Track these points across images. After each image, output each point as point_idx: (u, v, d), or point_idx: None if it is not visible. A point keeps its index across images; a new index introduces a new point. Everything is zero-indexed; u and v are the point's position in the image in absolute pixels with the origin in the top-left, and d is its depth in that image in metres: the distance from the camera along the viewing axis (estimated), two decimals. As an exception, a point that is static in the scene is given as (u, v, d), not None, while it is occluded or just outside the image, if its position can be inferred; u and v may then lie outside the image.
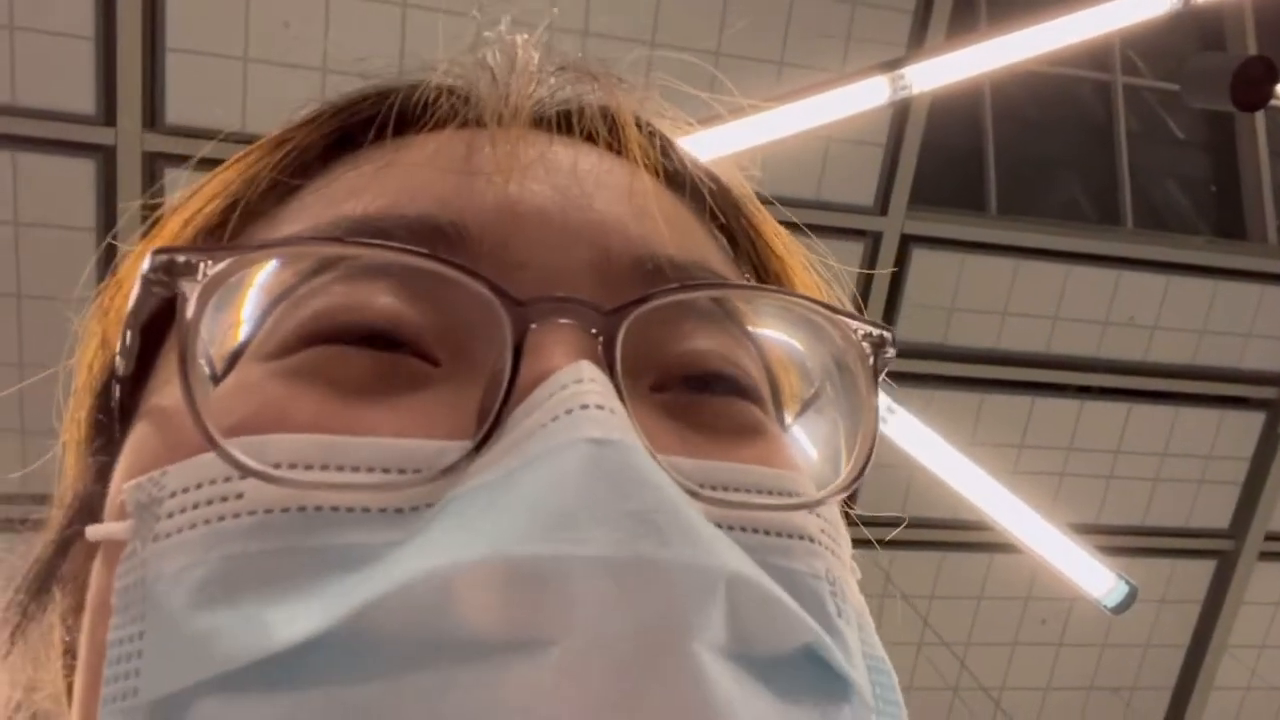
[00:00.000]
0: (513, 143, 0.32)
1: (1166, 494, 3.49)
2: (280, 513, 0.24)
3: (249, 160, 0.35)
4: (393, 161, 0.32)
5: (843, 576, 0.29)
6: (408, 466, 0.25)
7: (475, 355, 0.28)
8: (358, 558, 0.23)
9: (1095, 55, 3.41)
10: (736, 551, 0.24)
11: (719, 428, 0.30)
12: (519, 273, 0.29)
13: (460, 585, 0.22)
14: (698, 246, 0.33)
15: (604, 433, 0.24)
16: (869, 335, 0.32)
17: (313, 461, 0.25)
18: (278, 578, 0.23)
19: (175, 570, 0.24)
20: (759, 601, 0.24)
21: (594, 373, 0.25)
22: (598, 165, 0.33)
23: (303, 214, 0.32)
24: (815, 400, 0.34)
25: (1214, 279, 3.31)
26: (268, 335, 0.28)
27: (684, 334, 0.30)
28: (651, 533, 0.22)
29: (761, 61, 2.77)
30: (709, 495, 0.27)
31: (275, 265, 0.29)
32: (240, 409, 0.26)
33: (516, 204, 0.30)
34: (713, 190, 0.37)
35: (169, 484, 0.25)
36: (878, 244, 2.98)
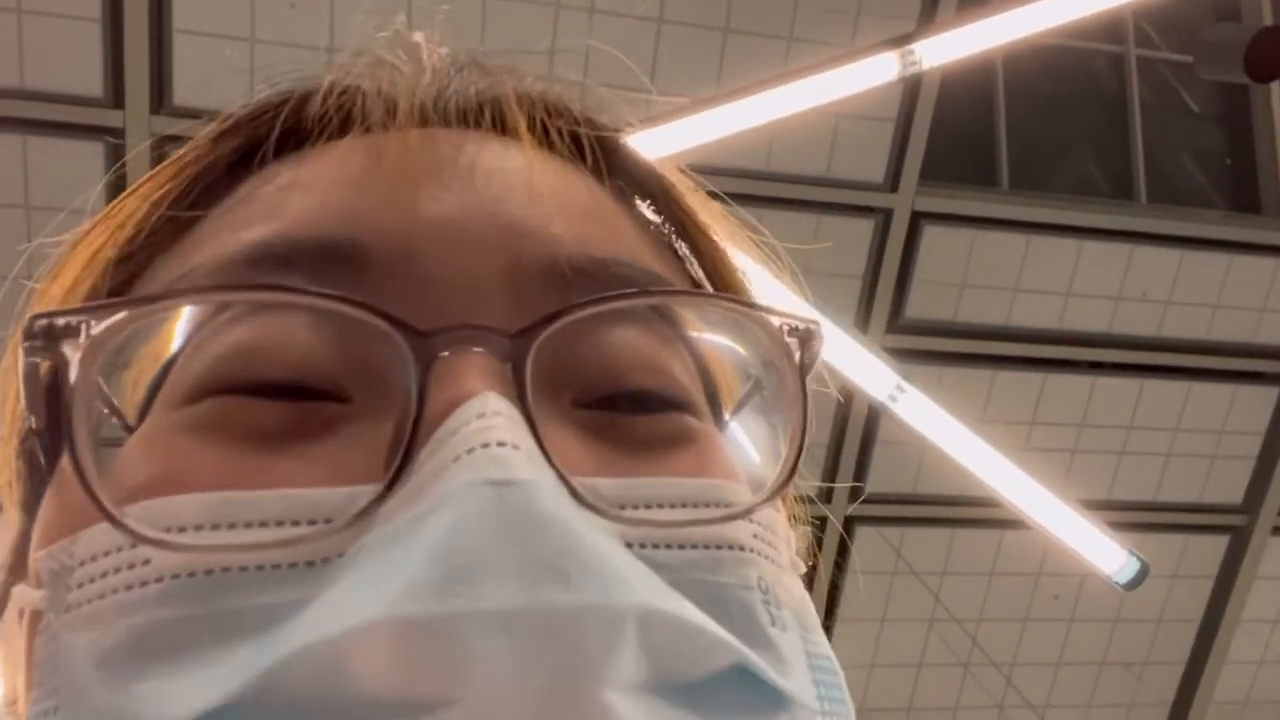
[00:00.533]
0: (411, 147, 0.31)
1: (1179, 469, 3.48)
2: (186, 578, 0.23)
3: (152, 187, 0.34)
4: (292, 179, 0.31)
5: (778, 580, 0.28)
6: (317, 516, 0.24)
7: (385, 388, 0.27)
8: (265, 619, 0.23)
9: (1108, 27, 3.37)
10: (649, 581, 0.24)
11: (644, 440, 0.29)
12: (425, 291, 0.28)
13: (355, 648, 0.21)
14: (619, 238, 0.32)
15: (504, 472, 0.23)
16: (795, 329, 0.31)
17: (218, 521, 0.24)
18: (184, 646, 0.23)
19: (85, 643, 0.23)
20: (675, 631, 0.23)
21: (499, 404, 0.24)
22: (509, 163, 0.32)
23: (205, 243, 0.31)
24: (750, 398, 0.33)
25: (1228, 253, 3.28)
26: (175, 380, 0.27)
27: (604, 343, 0.29)
28: (555, 577, 0.22)
29: (770, 37, 2.75)
30: (630, 516, 0.26)
31: (172, 311, 0.28)
32: (143, 470, 0.26)
33: (420, 214, 0.29)
34: (635, 171, 0.35)
35: (78, 552, 0.25)
36: (888, 221, 2.97)
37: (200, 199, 0.33)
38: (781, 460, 0.30)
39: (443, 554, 0.22)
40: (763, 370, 0.32)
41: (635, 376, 0.29)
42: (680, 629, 0.24)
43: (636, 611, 0.22)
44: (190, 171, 0.33)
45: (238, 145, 0.34)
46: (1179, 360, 3.35)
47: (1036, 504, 2.49)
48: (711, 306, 0.32)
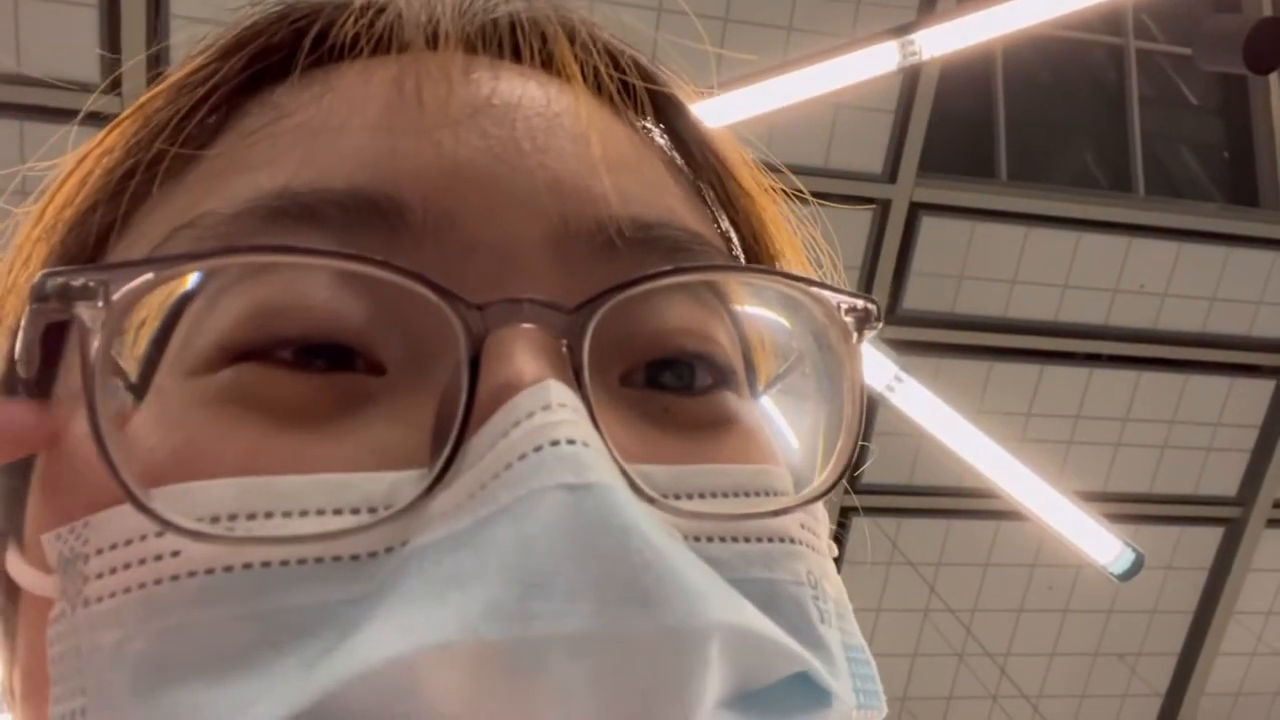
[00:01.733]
0: (449, 81, 0.28)
1: (1174, 461, 3.49)
2: (223, 573, 0.21)
3: (150, 109, 0.30)
4: (315, 114, 0.28)
5: (823, 571, 0.28)
6: (361, 505, 0.22)
7: (427, 360, 0.25)
8: (317, 621, 0.21)
9: (1107, 19, 3.36)
10: (723, 594, 0.23)
11: (691, 423, 0.28)
12: (468, 255, 0.25)
13: (430, 669, 0.20)
14: (661, 197, 0.29)
15: (579, 476, 0.21)
16: (853, 309, 0.29)
17: (254, 509, 0.22)
18: (226, 651, 0.21)
19: (112, 643, 0.21)
20: (751, 646, 0.23)
21: (562, 395, 0.23)
22: (548, 103, 0.29)
23: (216, 181, 0.27)
24: (790, 374, 0.32)
25: (1225, 246, 3.29)
26: (188, 339, 0.25)
27: (653, 313, 0.27)
28: (635, 598, 0.20)
29: (770, 26, 2.74)
30: (685, 508, 0.25)
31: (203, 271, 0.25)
32: (164, 448, 0.23)
33: (460, 167, 0.26)
34: (679, 121, 0.33)
35: (93, 538, 0.23)
36: (886, 212, 2.97)
37: (206, 125, 0.29)
38: (838, 445, 0.28)
39: (519, 568, 0.20)
40: (814, 348, 0.30)
41: (685, 342, 0.28)
42: (756, 643, 0.23)
43: (717, 630, 0.21)
44: (193, 95, 0.30)
45: (244, 66, 0.30)
46: (1175, 353, 3.36)
47: (1032, 495, 2.50)
48: (771, 283, 0.30)
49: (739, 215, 0.34)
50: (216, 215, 0.26)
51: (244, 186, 0.26)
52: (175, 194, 0.28)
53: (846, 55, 2.10)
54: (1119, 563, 2.51)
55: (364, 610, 0.21)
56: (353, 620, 0.21)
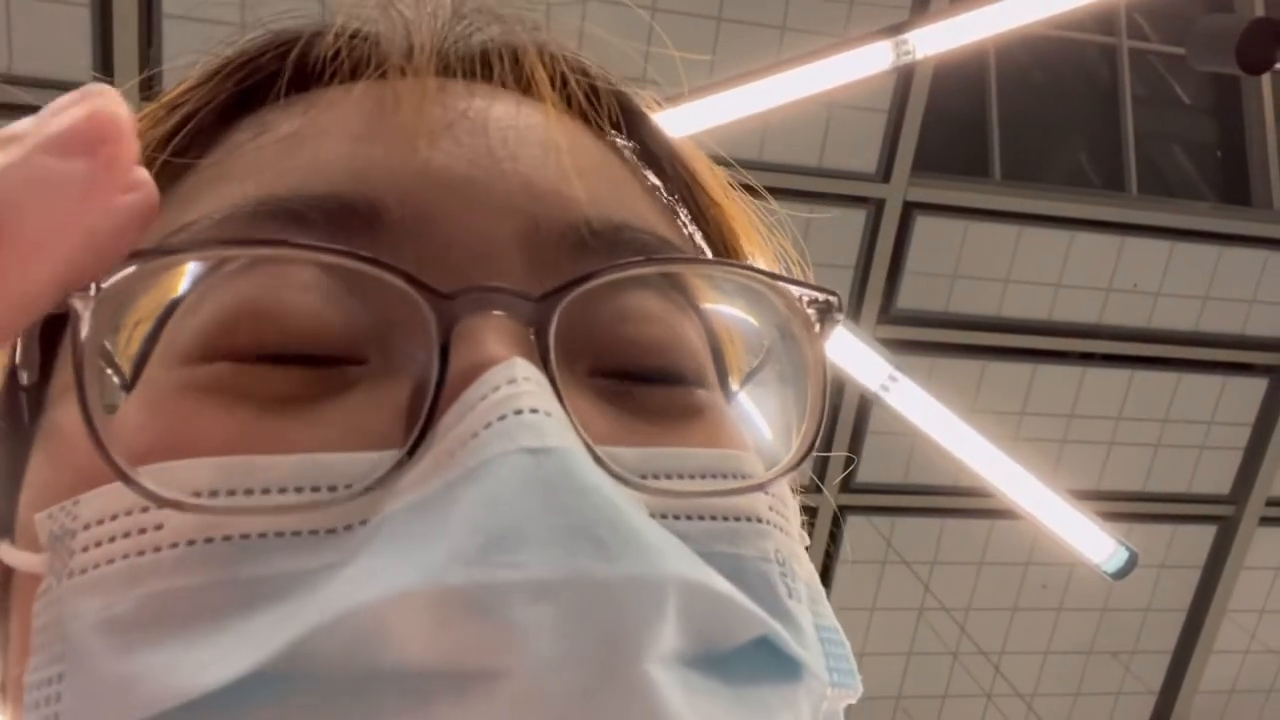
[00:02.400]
0: (425, 97, 0.30)
1: (1168, 460, 3.50)
2: (203, 543, 0.22)
3: (149, 123, 0.32)
4: (298, 129, 0.30)
5: (793, 552, 0.28)
6: (337, 482, 0.23)
7: (401, 349, 0.26)
8: (288, 586, 0.22)
9: (1100, 18, 3.37)
10: (684, 554, 0.23)
11: (658, 410, 0.29)
12: (443, 252, 0.27)
13: (394, 616, 0.21)
14: (632, 202, 0.31)
15: (540, 440, 0.22)
16: (814, 300, 0.30)
17: (234, 486, 0.23)
18: (204, 613, 0.22)
19: (94, 609, 0.22)
20: (710, 603, 0.23)
21: (527, 370, 0.24)
22: (524, 119, 0.31)
23: (205, 192, 0.29)
24: (761, 369, 0.33)
25: (1218, 245, 3.30)
26: (176, 333, 0.26)
27: (622, 309, 0.29)
28: (594, 548, 0.21)
29: (763, 26, 2.74)
30: (652, 485, 0.26)
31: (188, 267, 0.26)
32: (150, 431, 0.25)
33: (436, 172, 0.28)
34: (648, 134, 0.34)
35: (82, 514, 0.24)
36: (880, 211, 2.97)
37: (193, 143, 0.31)
38: (800, 431, 0.29)
39: (481, 522, 0.21)
40: (779, 341, 0.32)
41: (653, 345, 0.29)
42: (714, 601, 0.23)
43: (675, 582, 0.22)
44: (182, 113, 0.32)
45: (233, 89, 0.32)
46: (1168, 351, 3.37)
47: (1026, 494, 2.51)
48: (734, 276, 0.31)
49: (709, 225, 0.35)
50: (205, 220, 0.28)
51: (231, 194, 0.28)
52: (167, 206, 0.30)
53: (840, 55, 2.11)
54: (1112, 561, 2.52)
55: (335, 572, 0.22)
56: (323, 584, 0.22)
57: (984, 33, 2.17)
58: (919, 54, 2.14)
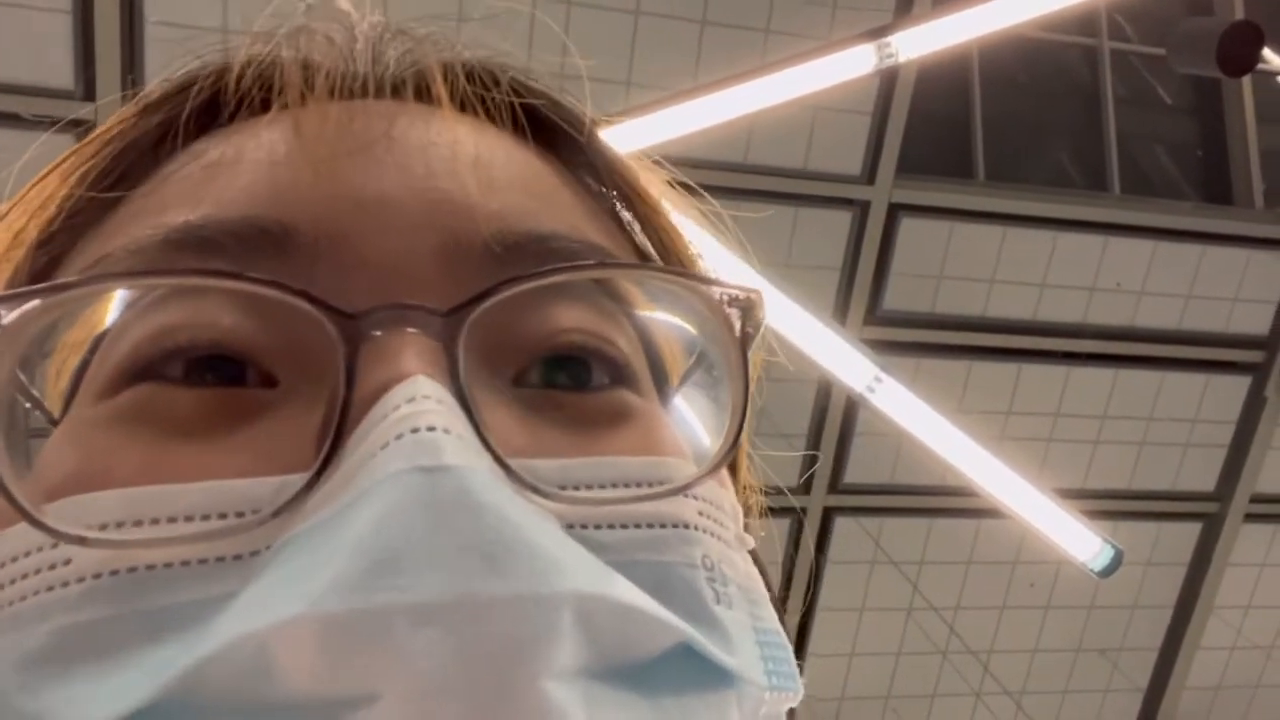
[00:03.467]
0: (333, 121, 0.30)
1: (1153, 458, 3.52)
2: (109, 576, 0.22)
3: (75, 162, 0.32)
4: (217, 158, 0.30)
5: (724, 557, 0.28)
6: (244, 508, 0.23)
7: (314, 372, 0.26)
8: (191, 616, 0.22)
9: (1082, 20, 3.39)
10: (586, 566, 0.23)
11: (586, 419, 0.28)
12: (357, 273, 0.27)
13: (277, 646, 0.20)
14: (559, 212, 0.30)
15: (434, 459, 0.22)
16: (735, 299, 0.30)
17: (140, 516, 0.23)
18: (107, 647, 0.22)
19: (7, 646, 0.22)
20: (613, 614, 0.23)
21: (429, 388, 0.24)
22: (443, 135, 0.30)
23: (128, 224, 0.29)
24: (694, 373, 0.32)
25: (1200, 244, 3.32)
26: (96, 370, 0.26)
27: (547, 314, 0.28)
28: (485, 567, 0.21)
29: (747, 29, 2.75)
30: (569, 496, 0.25)
31: (90, 298, 0.27)
32: (64, 466, 0.25)
33: (350, 192, 0.28)
34: (584, 146, 0.34)
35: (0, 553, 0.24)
36: (865, 213, 2.98)
37: (123, 177, 0.31)
38: (724, 431, 0.29)
39: (367, 546, 0.21)
40: (706, 342, 0.31)
41: (576, 348, 0.29)
42: (618, 611, 0.23)
43: (570, 597, 0.22)
44: (112, 148, 0.32)
45: (161, 120, 0.32)
46: (1152, 350, 3.39)
47: (1013, 493, 2.52)
48: (649, 278, 0.31)
49: (650, 230, 0.35)
50: (120, 252, 0.28)
51: (148, 225, 0.28)
52: (94, 240, 0.30)
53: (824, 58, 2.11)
54: (1099, 559, 2.53)
55: (232, 600, 0.22)
56: (220, 611, 0.22)
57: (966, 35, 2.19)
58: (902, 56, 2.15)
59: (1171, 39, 2.75)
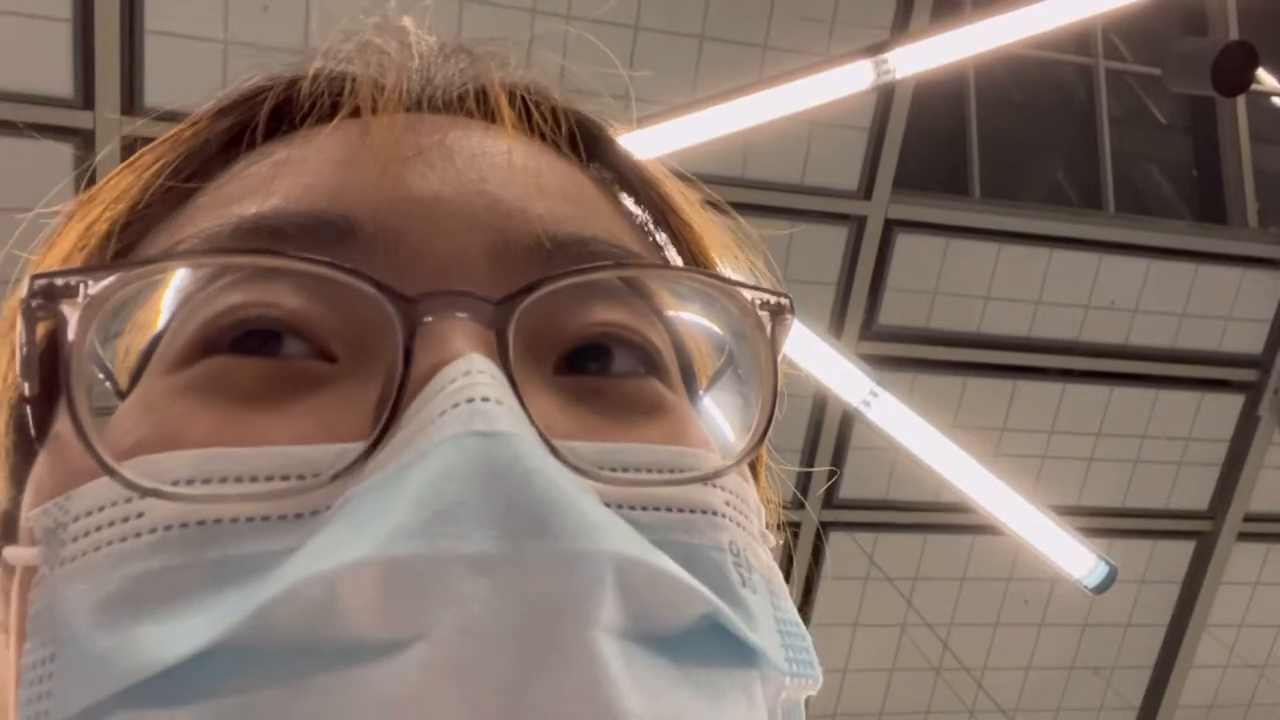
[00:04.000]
0: (399, 128, 0.32)
1: (1147, 476, 3.52)
2: (179, 528, 0.24)
3: (147, 161, 0.35)
4: (285, 157, 0.32)
5: (749, 546, 0.29)
6: (305, 472, 0.25)
7: (372, 351, 0.28)
8: (255, 566, 0.24)
9: (1078, 39, 3.41)
10: (626, 533, 0.24)
11: (621, 408, 0.30)
12: (414, 265, 0.29)
13: (341, 586, 0.22)
14: (599, 219, 0.33)
15: (489, 425, 0.24)
16: (766, 303, 0.32)
17: (209, 475, 0.25)
18: (178, 592, 0.24)
19: (81, 592, 0.24)
20: (650, 579, 0.24)
21: (483, 364, 0.25)
22: (492, 146, 0.33)
23: (199, 215, 0.31)
24: (724, 373, 0.34)
25: (1195, 263, 3.33)
26: (168, 345, 0.28)
27: (584, 311, 0.30)
28: (534, 524, 0.22)
29: (745, 45, 2.76)
30: (608, 476, 0.27)
31: (167, 275, 0.29)
32: (138, 430, 0.27)
33: (408, 192, 0.30)
34: (615, 156, 0.37)
35: (73, 508, 0.26)
36: (861, 228, 2.99)
37: (195, 174, 0.33)
38: (753, 426, 0.31)
39: (427, 499, 0.22)
40: (735, 344, 0.33)
41: (611, 338, 0.31)
42: (655, 577, 0.24)
43: (613, 558, 0.23)
44: (185, 148, 0.34)
45: (230, 125, 0.34)
46: (1146, 368, 3.40)
47: (1007, 509, 2.52)
48: (686, 280, 0.33)
49: (682, 245, 0.37)
50: (193, 238, 0.30)
51: (220, 216, 0.30)
52: (166, 231, 0.32)
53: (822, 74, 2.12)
54: (1093, 576, 2.53)
55: (294, 554, 0.24)
56: (284, 563, 0.24)
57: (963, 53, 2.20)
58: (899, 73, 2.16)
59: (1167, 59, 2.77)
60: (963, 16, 2.36)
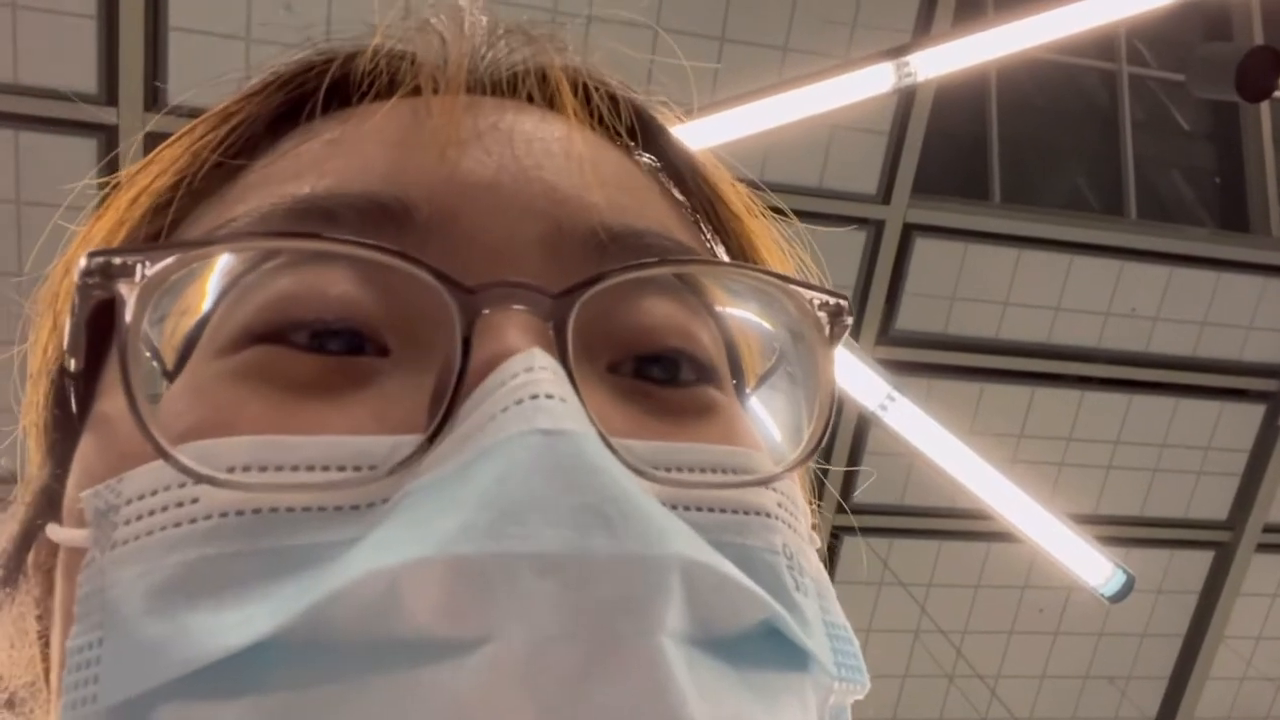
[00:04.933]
0: (458, 111, 0.31)
1: (1165, 485, 3.49)
2: (235, 516, 0.24)
3: (195, 135, 0.34)
4: (338, 136, 0.31)
5: (800, 549, 0.29)
6: (362, 463, 0.25)
7: (426, 342, 0.27)
8: (312, 557, 0.23)
9: (1101, 44, 3.39)
10: (689, 536, 0.24)
11: (674, 409, 0.30)
12: (468, 250, 0.28)
13: (406, 583, 0.22)
14: (652, 211, 0.32)
15: (554, 423, 0.23)
16: (824, 304, 0.31)
17: (265, 463, 0.24)
18: (232, 581, 0.23)
19: (132, 577, 0.24)
20: (713, 584, 0.24)
21: (545, 360, 0.25)
22: (549, 131, 0.32)
23: (249, 193, 0.31)
24: (774, 372, 0.34)
25: (1216, 271, 3.30)
26: (217, 328, 0.28)
27: (639, 309, 0.30)
28: (601, 525, 0.22)
29: (766, 47, 2.75)
30: (663, 476, 0.27)
31: (219, 257, 0.28)
32: (191, 414, 0.26)
33: (465, 176, 0.30)
34: (669, 148, 0.36)
35: (125, 491, 0.25)
36: (880, 232, 2.98)
37: (243, 150, 0.33)
38: (809, 431, 0.31)
39: (492, 497, 0.22)
40: (791, 344, 0.33)
41: (668, 338, 0.30)
42: (719, 581, 0.24)
43: (679, 562, 0.23)
44: (233, 122, 0.34)
45: (281, 101, 0.34)
46: (1166, 376, 3.37)
47: (1024, 516, 2.50)
48: (744, 278, 0.33)
49: (730, 239, 0.37)
50: (246, 218, 0.29)
51: (272, 195, 0.30)
52: (214, 208, 0.32)
53: (842, 76, 2.12)
54: (1110, 584, 2.51)
55: (355, 544, 0.23)
56: (343, 556, 0.23)
57: (985, 56, 2.19)
58: (920, 76, 2.15)
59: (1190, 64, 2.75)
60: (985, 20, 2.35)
